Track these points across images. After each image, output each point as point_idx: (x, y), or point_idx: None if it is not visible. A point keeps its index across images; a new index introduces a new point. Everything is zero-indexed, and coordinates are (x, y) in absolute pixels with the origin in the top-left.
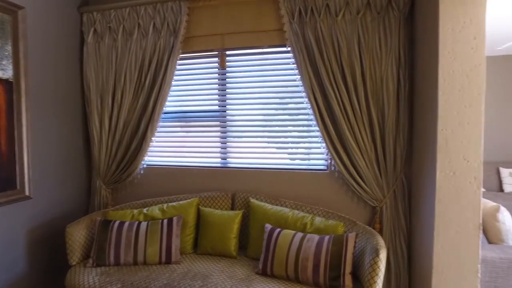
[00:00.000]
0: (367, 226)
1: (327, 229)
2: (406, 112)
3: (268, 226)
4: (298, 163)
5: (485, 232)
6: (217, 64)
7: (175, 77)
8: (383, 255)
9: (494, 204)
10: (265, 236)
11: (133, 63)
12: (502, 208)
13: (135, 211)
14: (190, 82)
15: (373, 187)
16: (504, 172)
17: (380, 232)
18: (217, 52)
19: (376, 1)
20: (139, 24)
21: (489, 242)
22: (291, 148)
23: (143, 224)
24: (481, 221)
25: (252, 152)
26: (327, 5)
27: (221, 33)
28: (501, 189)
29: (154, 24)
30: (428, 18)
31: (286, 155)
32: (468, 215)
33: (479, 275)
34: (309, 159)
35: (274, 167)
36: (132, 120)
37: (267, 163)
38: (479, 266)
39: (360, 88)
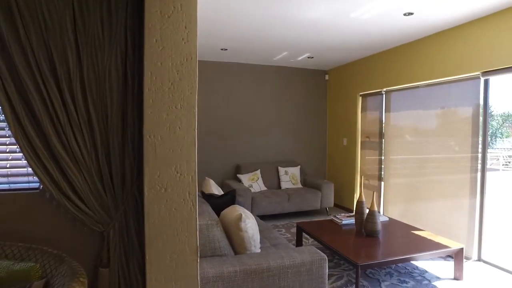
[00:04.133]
0: (75, 263)
1: (13, 278)
2: (135, 114)
3: None
4: None
5: (231, 243)
6: None
7: None
8: None
9: (238, 213)
10: None
11: None
12: (244, 216)
13: None
14: None
15: (95, 208)
16: (281, 171)
17: (109, 263)
18: None
19: None
20: None
21: (236, 253)
22: None
23: None
24: (198, 244)
25: None
26: None
27: None
28: (279, 187)
29: None
30: None
31: None
32: (183, 237)
33: None
34: (8, 175)
35: None
36: None
37: None
38: None
39: (75, 81)
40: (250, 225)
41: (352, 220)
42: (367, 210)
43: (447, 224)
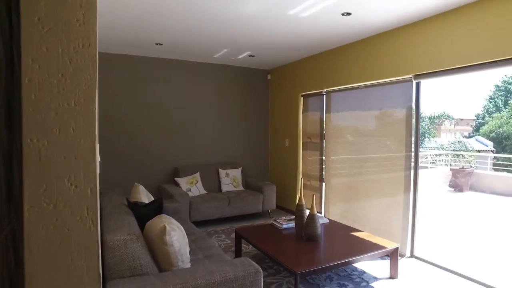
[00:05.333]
0: None
1: None
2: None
3: None
4: None
5: (156, 259)
6: None
7: None
8: None
9: (162, 225)
10: None
11: None
12: (169, 228)
13: None
14: None
15: None
16: (222, 173)
17: None
18: None
19: None
20: None
21: (161, 270)
22: None
23: None
24: (100, 270)
25: None
26: None
27: None
28: (220, 190)
29: None
30: None
31: None
32: (79, 264)
33: None
34: None
35: None
36: None
37: None
38: None
39: None
40: (176, 238)
41: (292, 224)
42: (308, 213)
43: (384, 223)
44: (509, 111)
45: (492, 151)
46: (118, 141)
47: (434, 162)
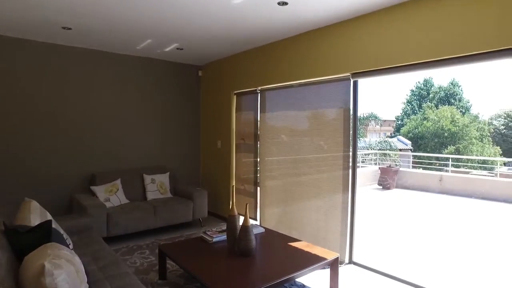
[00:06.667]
0: None
1: None
2: None
3: None
4: None
5: None
6: None
7: None
8: None
9: (39, 263)
10: None
11: None
12: (50, 267)
13: None
14: None
15: None
16: (147, 179)
17: None
18: None
19: None
20: None
21: None
22: None
23: None
24: None
25: None
26: None
27: None
28: (144, 198)
29: None
30: None
31: None
32: None
33: None
34: None
35: None
36: None
37: None
38: None
39: None
40: (63, 278)
41: (224, 236)
42: (241, 225)
43: (322, 228)
44: (422, 114)
45: (411, 150)
46: (10, 144)
47: (364, 162)
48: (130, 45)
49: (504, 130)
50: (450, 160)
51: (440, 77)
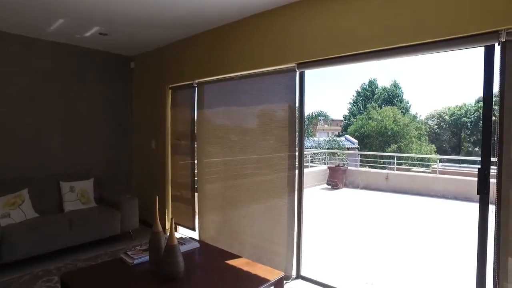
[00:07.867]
0: None
1: None
2: None
3: None
4: None
5: None
6: None
7: None
8: None
9: None
10: None
11: None
12: None
13: None
14: None
15: None
16: (65, 187)
17: None
18: None
19: None
20: None
21: None
22: None
23: None
24: None
25: None
26: None
27: None
28: (61, 209)
29: None
30: None
31: None
32: None
33: None
34: None
35: None
36: None
37: None
38: None
39: None
40: None
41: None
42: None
43: (266, 239)
44: (367, 114)
45: (357, 148)
46: None
47: (313, 161)
48: (39, 26)
49: (437, 130)
50: (395, 158)
51: (384, 78)
